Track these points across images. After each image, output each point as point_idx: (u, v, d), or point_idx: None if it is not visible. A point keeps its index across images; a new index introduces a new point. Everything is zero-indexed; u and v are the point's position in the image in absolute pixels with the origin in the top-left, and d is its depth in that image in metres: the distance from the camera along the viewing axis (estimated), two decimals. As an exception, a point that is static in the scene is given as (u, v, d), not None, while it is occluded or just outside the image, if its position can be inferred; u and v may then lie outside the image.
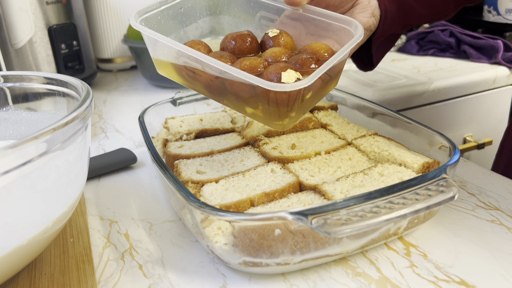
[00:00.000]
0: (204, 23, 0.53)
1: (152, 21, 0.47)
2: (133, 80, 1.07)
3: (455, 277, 0.37)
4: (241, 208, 0.41)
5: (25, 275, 0.39)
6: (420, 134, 0.49)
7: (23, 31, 0.78)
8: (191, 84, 0.45)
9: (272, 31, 0.47)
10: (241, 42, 0.46)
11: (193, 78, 0.44)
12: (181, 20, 0.50)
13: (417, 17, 0.58)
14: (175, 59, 0.44)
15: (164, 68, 0.46)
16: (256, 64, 0.42)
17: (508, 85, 1.04)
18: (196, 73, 0.43)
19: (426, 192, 0.36)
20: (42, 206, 0.33)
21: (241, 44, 0.46)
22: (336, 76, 0.46)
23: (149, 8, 0.47)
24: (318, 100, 0.46)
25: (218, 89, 0.43)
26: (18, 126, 0.48)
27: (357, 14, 0.53)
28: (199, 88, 0.45)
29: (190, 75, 0.44)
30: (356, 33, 0.43)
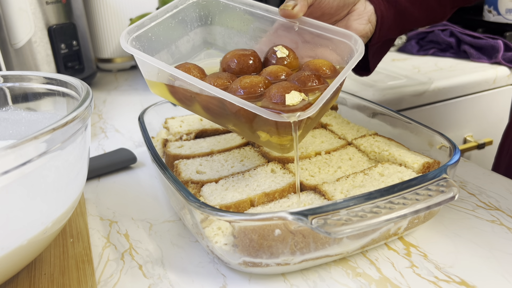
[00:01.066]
0: (195, 35, 0.51)
1: (143, 39, 0.45)
2: (133, 80, 1.07)
3: (455, 277, 0.37)
4: (241, 208, 0.41)
5: (25, 275, 0.39)
6: (420, 134, 0.49)
7: (23, 31, 0.78)
8: (187, 106, 0.44)
9: (281, 51, 0.45)
10: (243, 62, 0.44)
11: (190, 100, 0.43)
12: (172, 35, 0.49)
13: (413, 21, 0.58)
14: (169, 81, 0.42)
15: (158, 88, 0.44)
16: (256, 82, 0.40)
17: (508, 85, 1.04)
18: (193, 96, 0.41)
19: (427, 192, 0.36)
20: (42, 206, 0.33)
21: (243, 64, 0.44)
22: (339, 91, 0.45)
23: (139, 26, 0.45)
24: (321, 116, 0.44)
25: (218, 110, 0.41)
26: (18, 126, 0.48)
27: (353, 21, 0.52)
28: (197, 109, 0.43)
29: (187, 97, 0.42)
30: (357, 49, 0.42)
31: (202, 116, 0.44)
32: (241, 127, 0.41)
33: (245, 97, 0.39)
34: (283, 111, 0.37)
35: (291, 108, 0.37)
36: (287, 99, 0.38)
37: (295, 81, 0.41)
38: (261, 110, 0.36)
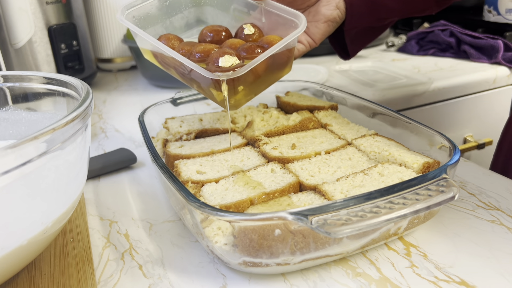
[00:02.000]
0: (189, 14, 0.58)
1: (140, 13, 0.53)
2: (133, 80, 1.07)
3: (455, 277, 0.37)
4: (241, 208, 0.41)
5: (25, 275, 0.39)
6: (420, 134, 0.49)
7: (23, 31, 0.78)
8: (166, 69, 0.52)
9: (248, 28, 0.52)
10: (215, 34, 0.52)
11: (167, 64, 0.50)
12: (167, 12, 0.56)
13: (389, 11, 0.60)
14: (153, 48, 0.51)
15: (147, 54, 0.53)
16: (209, 49, 0.47)
17: (508, 85, 1.04)
18: (167, 60, 0.49)
19: (426, 192, 0.36)
20: (42, 206, 0.33)
21: (216, 37, 0.52)
22: (286, 64, 0.52)
23: (137, 2, 0.52)
24: (270, 83, 0.52)
25: (183, 72, 0.49)
26: (18, 126, 0.48)
27: (322, 7, 0.58)
28: (173, 72, 0.51)
29: (165, 61, 0.50)
30: (299, 26, 0.48)
31: (175, 77, 0.52)
32: (199, 86, 0.49)
33: (198, 60, 0.47)
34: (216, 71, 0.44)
35: (222, 69, 0.44)
36: (221, 61, 0.45)
37: (241, 50, 0.48)
38: (196, 66, 0.43)
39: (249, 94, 0.50)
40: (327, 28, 0.59)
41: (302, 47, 0.59)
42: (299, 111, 0.61)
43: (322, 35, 0.59)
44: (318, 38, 0.59)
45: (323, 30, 0.59)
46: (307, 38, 0.59)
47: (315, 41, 0.59)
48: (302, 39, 0.58)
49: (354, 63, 1.10)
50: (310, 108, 0.62)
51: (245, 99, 0.50)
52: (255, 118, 0.58)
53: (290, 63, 0.52)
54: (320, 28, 0.59)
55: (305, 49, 0.59)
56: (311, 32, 0.58)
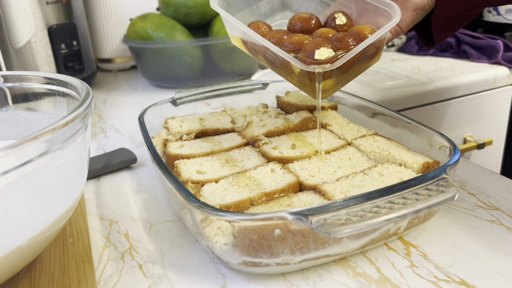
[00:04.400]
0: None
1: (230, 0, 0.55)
2: (133, 80, 1.07)
3: (455, 277, 0.37)
4: (241, 208, 0.41)
5: (25, 275, 0.39)
6: (420, 134, 0.49)
7: (23, 31, 0.78)
8: (255, 56, 0.53)
9: (340, 18, 0.52)
10: (305, 23, 0.52)
11: (256, 51, 0.52)
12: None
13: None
14: (243, 35, 0.52)
15: (235, 41, 0.55)
16: (302, 40, 0.47)
17: (508, 85, 1.04)
18: (257, 47, 0.51)
19: (426, 192, 0.36)
20: (42, 206, 0.33)
21: (305, 25, 0.52)
22: (375, 54, 0.51)
23: None
24: (358, 73, 0.52)
25: (273, 60, 0.50)
26: (18, 126, 0.48)
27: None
28: (261, 59, 0.53)
29: (254, 48, 0.52)
30: (393, 17, 0.48)
31: (264, 64, 0.53)
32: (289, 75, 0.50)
33: (290, 50, 0.48)
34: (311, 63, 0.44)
35: (318, 61, 0.44)
36: (316, 54, 0.44)
37: (334, 41, 0.47)
38: (291, 58, 0.44)
39: (339, 84, 0.51)
40: (416, 16, 0.59)
41: (388, 35, 0.59)
42: (299, 111, 0.61)
43: (409, 23, 0.59)
44: (405, 26, 0.59)
45: (411, 18, 0.59)
46: (395, 26, 0.58)
47: (402, 29, 0.59)
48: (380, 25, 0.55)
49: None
50: (310, 108, 0.62)
51: (334, 89, 0.51)
52: (255, 118, 0.58)
53: (380, 53, 0.52)
54: (408, 16, 0.59)
55: (391, 37, 0.60)
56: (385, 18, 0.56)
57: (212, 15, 0.97)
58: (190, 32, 0.96)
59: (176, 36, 0.92)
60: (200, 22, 0.98)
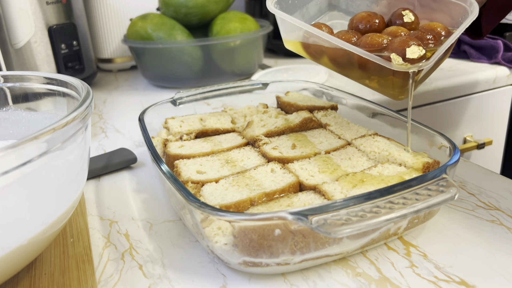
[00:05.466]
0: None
1: (283, 2, 0.52)
2: (133, 80, 1.07)
3: (455, 277, 0.37)
4: (241, 208, 0.41)
5: (25, 275, 0.39)
6: (420, 134, 0.49)
7: (23, 31, 0.78)
8: (316, 59, 0.51)
9: (408, 16, 0.50)
10: (370, 23, 0.50)
11: (320, 54, 0.50)
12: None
13: None
14: (304, 38, 0.50)
15: (292, 45, 0.52)
16: (380, 39, 0.46)
17: (508, 85, 1.04)
18: (324, 50, 0.49)
19: (426, 192, 0.36)
20: (42, 206, 0.33)
21: (370, 24, 0.50)
22: (449, 52, 0.50)
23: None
24: (435, 69, 0.50)
25: (344, 62, 0.49)
26: (18, 126, 0.48)
27: None
28: (325, 61, 0.51)
29: (318, 51, 0.50)
30: (472, 11, 0.46)
31: (327, 67, 0.51)
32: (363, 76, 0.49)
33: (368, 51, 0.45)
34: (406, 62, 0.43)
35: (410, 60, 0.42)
36: (408, 53, 0.43)
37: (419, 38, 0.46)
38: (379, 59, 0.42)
39: (420, 82, 0.49)
40: None
41: None
42: (299, 111, 0.61)
43: None
44: None
45: None
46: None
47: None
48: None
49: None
50: (310, 108, 0.62)
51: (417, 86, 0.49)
52: (255, 118, 0.58)
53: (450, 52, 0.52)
54: None
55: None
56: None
57: (212, 15, 0.97)
58: (190, 32, 0.96)
59: (176, 36, 0.92)
60: (200, 22, 0.98)
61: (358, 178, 0.43)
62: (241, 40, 0.93)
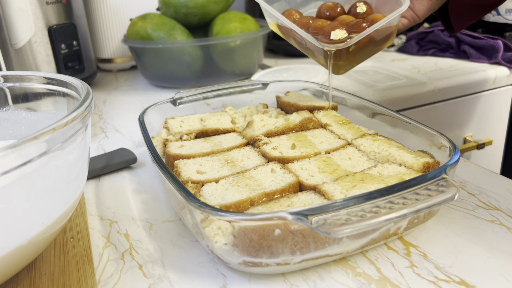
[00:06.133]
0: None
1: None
2: (133, 80, 1.07)
3: (455, 277, 0.37)
4: (241, 208, 0.41)
5: (25, 275, 0.39)
6: (420, 134, 0.49)
7: (23, 31, 0.78)
8: (288, 39, 0.62)
9: (360, 7, 0.60)
10: (331, 11, 0.61)
11: (288, 34, 0.61)
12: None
13: None
14: (278, 22, 0.60)
15: (273, 26, 0.63)
16: (324, 24, 0.57)
17: (508, 85, 1.04)
18: (289, 31, 0.59)
19: (426, 192, 0.36)
20: (42, 206, 0.33)
21: (331, 12, 0.61)
22: (388, 38, 0.59)
23: None
24: (373, 53, 0.60)
25: (301, 42, 0.59)
26: (18, 126, 0.48)
27: None
28: (293, 41, 0.61)
29: (286, 32, 0.61)
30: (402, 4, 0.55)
31: (294, 45, 0.62)
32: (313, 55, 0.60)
33: (314, 33, 0.57)
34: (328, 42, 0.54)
35: (333, 41, 0.54)
36: (332, 35, 0.54)
37: (350, 26, 0.56)
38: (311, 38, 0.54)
39: (354, 62, 0.60)
40: (431, 5, 0.63)
41: (406, 22, 0.64)
42: (299, 111, 0.61)
43: (426, 12, 0.64)
44: (422, 15, 0.64)
45: (426, 7, 0.63)
46: (412, 14, 0.64)
47: (419, 17, 0.64)
48: (407, 14, 0.64)
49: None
50: (310, 108, 0.62)
51: (350, 66, 0.61)
52: (255, 118, 0.58)
53: (392, 37, 0.60)
54: (424, 5, 0.63)
55: (409, 23, 0.65)
56: (415, 8, 0.63)
57: (212, 15, 0.97)
58: (190, 32, 0.96)
59: (176, 36, 0.92)
60: (200, 22, 0.98)
61: (358, 178, 0.43)
62: (241, 40, 0.93)
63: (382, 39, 0.58)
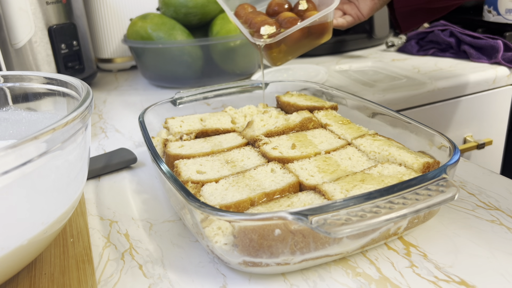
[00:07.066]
0: None
1: None
2: (133, 80, 1.07)
3: (455, 277, 0.37)
4: (241, 208, 0.41)
5: (25, 275, 0.39)
6: (420, 134, 0.49)
7: (23, 31, 0.78)
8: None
9: (302, 4, 0.64)
10: (279, 7, 0.65)
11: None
12: None
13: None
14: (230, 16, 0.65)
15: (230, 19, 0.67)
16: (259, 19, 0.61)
17: (508, 85, 1.04)
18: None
19: (426, 192, 0.36)
20: (42, 206, 0.33)
21: (279, 7, 0.66)
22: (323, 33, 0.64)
23: None
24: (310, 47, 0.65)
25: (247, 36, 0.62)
26: (18, 126, 0.48)
27: None
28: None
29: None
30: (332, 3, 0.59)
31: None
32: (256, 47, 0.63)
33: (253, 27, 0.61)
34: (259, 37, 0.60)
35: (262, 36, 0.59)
36: (261, 30, 0.59)
37: (285, 22, 0.60)
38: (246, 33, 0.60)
39: (290, 55, 0.64)
40: (374, 5, 0.66)
41: (350, 19, 0.67)
42: (299, 111, 0.61)
43: (369, 11, 0.67)
44: (366, 13, 0.67)
45: (370, 7, 0.66)
46: (357, 12, 0.67)
47: (363, 15, 0.67)
48: (352, 12, 0.67)
49: (354, 63, 1.10)
50: (310, 108, 0.62)
51: (285, 58, 0.64)
52: (255, 118, 0.58)
53: (328, 32, 0.64)
54: (367, 4, 0.66)
55: (353, 21, 0.67)
56: (360, 7, 0.67)
57: (212, 15, 0.97)
58: (190, 32, 0.96)
59: (176, 36, 0.92)
60: (200, 22, 0.98)
61: (358, 178, 0.43)
62: (241, 40, 0.93)
63: (317, 34, 0.63)
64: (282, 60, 0.65)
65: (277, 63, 0.65)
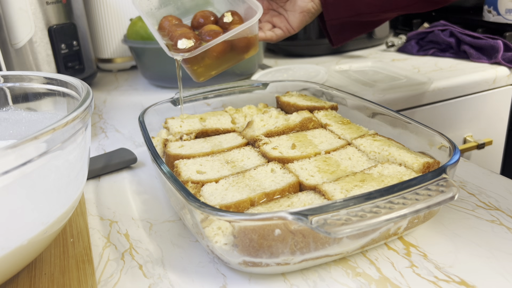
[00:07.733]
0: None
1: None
2: (133, 80, 1.07)
3: (455, 277, 0.37)
4: (241, 208, 0.41)
5: (25, 275, 0.39)
6: (420, 134, 0.49)
7: (23, 31, 0.78)
8: None
9: (227, 16, 0.62)
10: (205, 19, 0.63)
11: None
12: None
13: (367, 5, 0.64)
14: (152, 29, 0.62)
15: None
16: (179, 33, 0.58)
17: (508, 85, 1.04)
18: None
19: (426, 192, 0.36)
20: (43, 206, 0.33)
21: (205, 20, 0.63)
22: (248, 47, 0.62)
23: None
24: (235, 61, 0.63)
25: None
26: (18, 126, 0.48)
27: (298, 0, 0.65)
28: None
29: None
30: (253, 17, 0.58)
31: None
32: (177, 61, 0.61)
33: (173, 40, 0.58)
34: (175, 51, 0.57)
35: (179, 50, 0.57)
36: (178, 44, 0.57)
37: (207, 35, 0.59)
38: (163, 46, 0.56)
39: (213, 70, 0.62)
40: (303, 18, 0.65)
41: (280, 32, 0.66)
42: (299, 111, 0.61)
43: (299, 24, 0.66)
44: (296, 26, 0.66)
45: (299, 20, 0.65)
46: (286, 25, 0.66)
47: (293, 28, 0.66)
48: (282, 25, 0.66)
49: (354, 63, 1.10)
50: (310, 108, 0.62)
51: (208, 74, 0.62)
52: (255, 118, 0.58)
53: (254, 47, 0.62)
54: (297, 17, 0.65)
55: (283, 34, 0.66)
56: (290, 20, 0.66)
57: (212, 15, 0.97)
58: (190, 32, 0.96)
59: (176, 36, 0.92)
60: (200, 22, 0.98)
61: (358, 178, 0.43)
62: (241, 40, 0.92)
63: (242, 48, 0.61)
64: (205, 75, 0.62)
65: (200, 78, 0.62)
